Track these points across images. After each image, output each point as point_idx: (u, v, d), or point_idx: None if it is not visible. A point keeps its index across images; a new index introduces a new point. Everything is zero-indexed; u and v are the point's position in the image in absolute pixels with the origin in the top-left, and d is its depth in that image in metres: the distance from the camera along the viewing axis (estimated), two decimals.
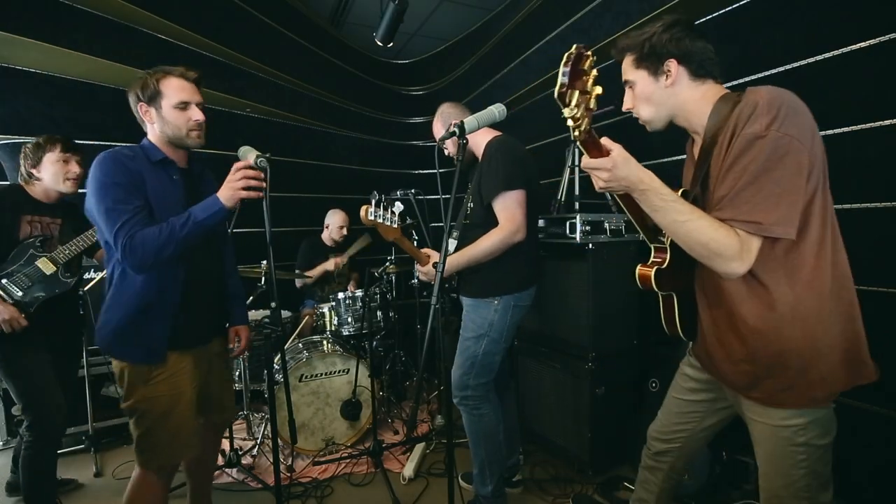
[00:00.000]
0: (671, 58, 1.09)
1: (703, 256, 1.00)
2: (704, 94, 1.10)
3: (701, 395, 1.30)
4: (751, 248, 0.97)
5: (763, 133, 0.93)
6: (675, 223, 0.99)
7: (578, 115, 0.93)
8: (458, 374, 1.89)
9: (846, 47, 1.74)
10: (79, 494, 2.29)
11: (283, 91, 3.86)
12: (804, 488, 1.05)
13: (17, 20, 2.54)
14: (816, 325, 1.00)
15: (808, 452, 1.04)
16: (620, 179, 0.99)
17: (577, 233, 2.15)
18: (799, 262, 1.00)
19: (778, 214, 0.94)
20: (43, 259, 1.92)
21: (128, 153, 1.44)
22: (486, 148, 1.87)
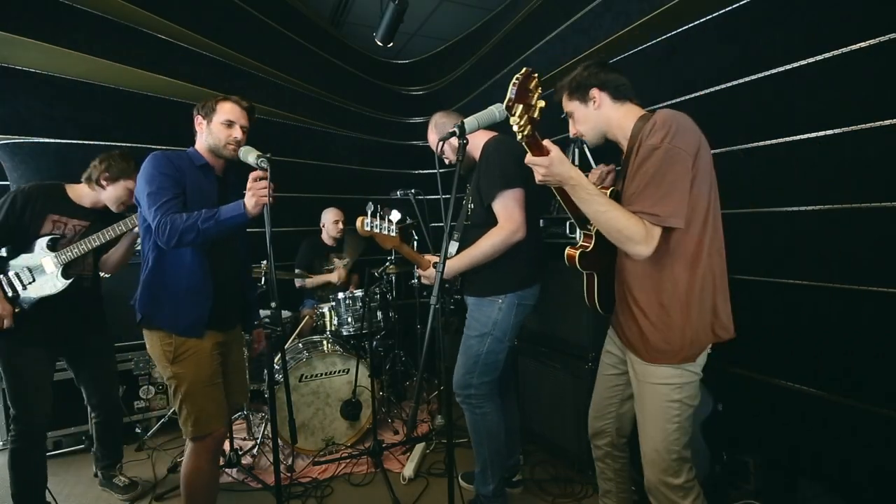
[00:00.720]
0: (594, 87, 1.38)
1: (618, 240, 1.25)
2: (626, 114, 1.38)
3: (620, 368, 1.51)
4: (654, 235, 1.22)
5: (658, 144, 1.21)
6: (598, 213, 1.23)
7: (522, 123, 1.18)
8: (462, 374, 1.89)
9: (846, 47, 1.74)
10: (79, 494, 2.29)
11: (283, 91, 3.85)
12: (675, 441, 1.31)
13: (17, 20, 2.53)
14: (691, 297, 1.28)
15: (680, 409, 1.30)
16: (555, 175, 1.22)
17: (578, 233, 2.14)
18: (682, 248, 1.27)
19: (670, 208, 1.20)
20: (47, 258, 1.94)
21: (175, 155, 1.68)
22: (484, 148, 1.87)
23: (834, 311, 1.88)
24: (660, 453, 1.32)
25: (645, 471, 1.37)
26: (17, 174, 2.88)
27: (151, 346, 1.66)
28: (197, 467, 1.65)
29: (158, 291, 1.63)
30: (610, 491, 1.62)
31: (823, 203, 1.88)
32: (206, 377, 1.64)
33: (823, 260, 1.91)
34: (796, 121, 1.92)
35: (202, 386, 1.62)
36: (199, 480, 1.66)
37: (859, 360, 1.81)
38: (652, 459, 1.34)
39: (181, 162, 1.66)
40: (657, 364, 1.32)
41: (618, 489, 1.61)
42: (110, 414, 2.24)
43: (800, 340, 1.99)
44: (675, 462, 1.31)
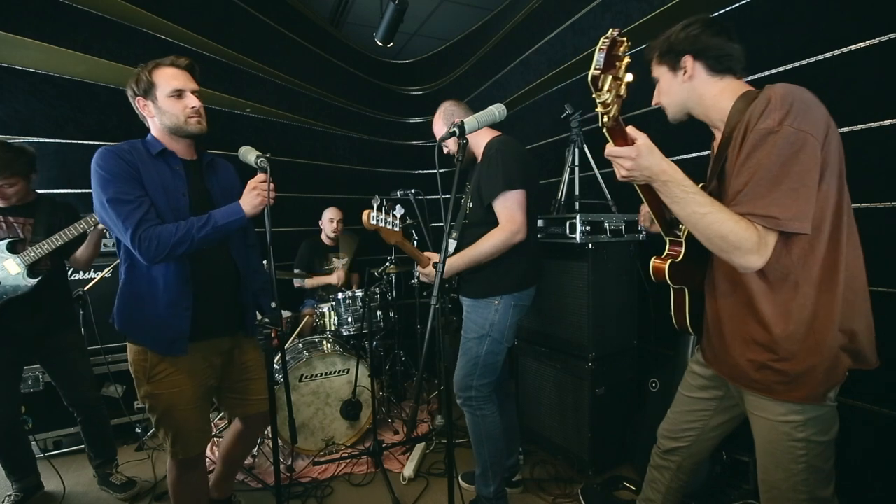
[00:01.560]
0: (687, 54, 1.13)
1: (721, 249, 1.00)
2: (723, 90, 1.12)
3: (709, 393, 1.31)
4: (768, 242, 0.97)
5: (776, 128, 0.94)
6: (695, 214, 0.99)
7: (609, 101, 0.93)
8: (462, 376, 1.89)
9: (846, 47, 1.74)
10: (79, 494, 2.29)
11: (283, 91, 3.86)
12: (803, 482, 1.06)
13: (17, 20, 2.54)
14: (822, 324, 1.02)
15: (807, 448, 1.06)
16: (643, 169, 0.99)
17: (577, 233, 2.15)
18: (812, 259, 1.01)
19: (794, 210, 0.94)
20: (9, 261, 1.92)
21: (125, 147, 1.45)
22: (486, 148, 1.87)
23: None
24: (783, 492, 1.09)
25: None
26: None
27: (130, 359, 1.51)
28: (177, 479, 1.58)
29: (134, 307, 1.47)
30: (653, 500, 1.45)
31: None
32: (186, 399, 1.49)
33: None
34: None
35: (179, 410, 1.48)
36: (181, 490, 1.60)
37: None
38: (774, 497, 1.12)
39: (133, 155, 1.43)
40: (776, 400, 1.08)
41: (664, 502, 1.44)
42: (88, 412, 2.22)
43: None
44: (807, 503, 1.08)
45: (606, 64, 0.91)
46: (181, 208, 1.48)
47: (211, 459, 2.52)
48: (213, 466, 2.43)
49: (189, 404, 1.51)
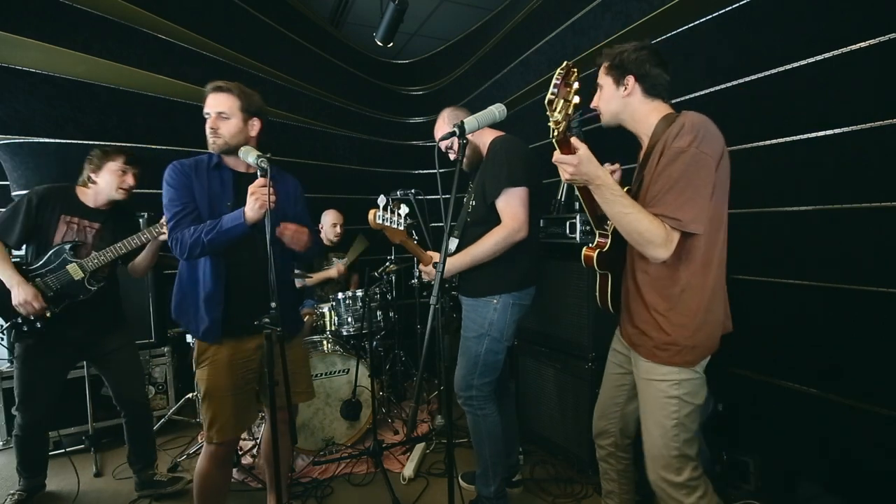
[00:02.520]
0: (631, 74, 1.33)
1: (637, 242, 1.24)
2: (652, 110, 1.35)
3: (626, 367, 1.50)
4: (673, 239, 1.22)
5: (685, 148, 1.19)
6: (620, 214, 1.22)
7: (560, 119, 1.17)
8: (462, 375, 1.89)
9: (846, 47, 1.74)
10: (79, 494, 2.29)
11: (283, 91, 3.86)
12: (674, 437, 1.30)
13: (17, 20, 2.54)
14: (700, 302, 1.27)
15: (679, 405, 1.30)
16: (583, 174, 1.22)
17: (577, 233, 2.15)
18: (694, 253, 1.26)
19: (693, 214, 1.19)
20: (73, 265, 1.97)
21: (189, 162, 1.67)
22: (490, 146, 1.87)
23: (834, 311, 1.88)
24: (659, 449, 1.32)
25: (647, 468, 1.37)
26: (17, 174, 2.88)
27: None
28: (206, 470, 1.67)
29: (182, 296, 1.67)
30: (613, 491, 1.62)
31: (823, 203, 1.87)
32: (223, 387, 1.63)
33: (823, 260, 1.91)
34: (796, 121, 1.92)
35: (218, 395, 1.62)
36: (205, 482, 1.68)
37: (859, 360, 1.81)
38: (652, 456, 1.34)
39: (193, 168, 1.65)
40: (657, 363, 1.32)
41: (621, 490, 1.60)
42: (133, 412, 2.25)
43: (800, 340, 1.99)
44: (676, 459, 1.30)
45: (560, 92, 1.17)
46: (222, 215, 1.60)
47: None
48: None
49: (225, 392, 1.63)
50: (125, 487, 2.34)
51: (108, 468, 2.53)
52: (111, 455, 2.65)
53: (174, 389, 3.02)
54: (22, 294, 1.87)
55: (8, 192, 2.97)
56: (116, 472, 2.48)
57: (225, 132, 1.61)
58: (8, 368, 2.61)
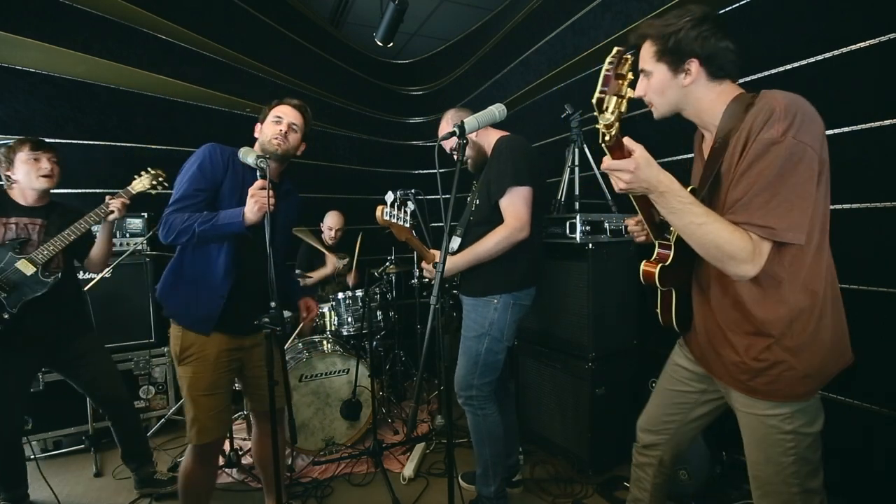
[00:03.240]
0: (694, 57, 1.07)
1: (716, 259, 1.01)
2: (720, 95, 1.11)
3: (692, 386, 1.33)
4: (762, 251, 0.98)
5: (779, 139, 0.95)
6: (692, 225, 1.00)
7: (612, 121, 0.93)
8: (462, 375, 1.89)
9: (846, 47, 1.74)
10: (79, 494, 2.29)
11: (283, 91, 3.85)
12: (794, 474, 1.09)
13: (17, 20, 2.54)
14: (809, 327, 1.05)
15: (796, 440, 1.08)
16: (642, 181, 0.99)
17: (577, 233, 2.15)
18: (799, 265, 1.03)
19: (790, 220, 0.96)
20: (21, 261, 1.91)
21: (228, 151, 1.67)
22: (496, 145, 1.88)
23: None
24: (776, 486, 1.12)
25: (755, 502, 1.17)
26: None
27: (171, 341, 1.69)
28: (190, 468, 1.67)
29: (178, 278, 1.65)
30: (642, 500, 1.46)
31: None
32: (205, 385, 1.62)
33: None
34: None
35: (199, 394, 1.61)
36: (190, 481, 1.68)
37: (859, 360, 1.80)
38: (766, 492, 1.15)
39: (231, 159, 1.65)
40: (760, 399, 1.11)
41: (651, 501, 1.45)
42: (118, 412, 2.21)
43: None
44: (800, 496, 1.11)
45: (612, 87, 0.92)
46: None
47: None
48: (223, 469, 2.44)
49: (206, 391, 1.62)
50: (125, 487, 2.34)
51: (108, 468, 2.53)
52: (111, 455, 2.65)
53: (174, 389, 3.02)
54: None
55: None
56: (116, 473, 2.48)
57: (292, 141, 1.71)
58: None
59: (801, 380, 1.06)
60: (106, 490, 2.34)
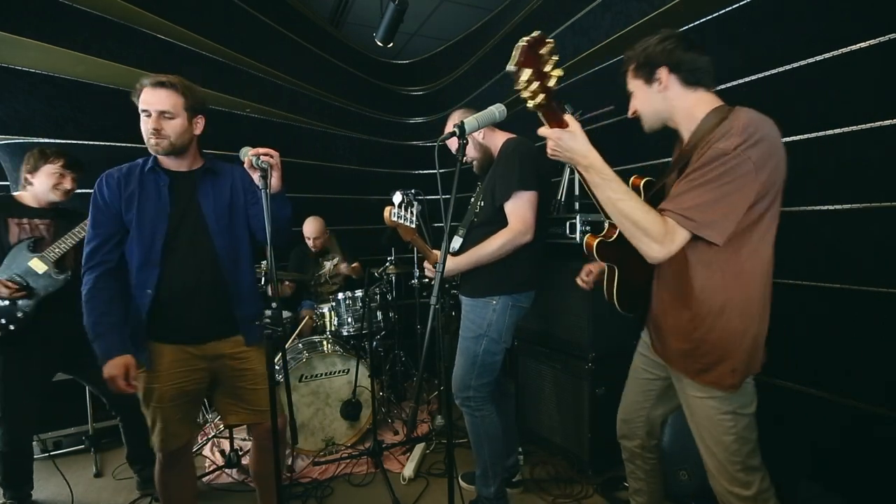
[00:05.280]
0: (662, 66, 1.19)
1: (631, 235, 1.14)
2: (697, 102, 1.20)
3: (653, 373, 1.46)
4: (675, 237, 1.09)
5: (729, 151, 1.05)
6: (610, 200, 1.13)
7: (533, 90, 1.07)
8: (460, 375, 1.89)
9: (846, 47, 1.74)
10: (79, 494, 2.29)
11: (282, 91, 3.85)
12: (736, 452, 1.20)
13: (17, 20, 2.53)
14: (738, 323, 1.16)
15: (735, 420, 1.20)
16: (565, 150, 1.14)
17: (577, 233, 2.15)
18: (737, 266, 1.14)
19: (711, 217, 1.07)
20: (34, 259, 1.94)
21: (124, 171, 1.55)
22: (503, 148, 1.88)
23: (834, 311, 1.88)
24: (721, 464, 1.23)
25: (711, 483, 1.28)
26: (17, 174, 2.87)
27: None
28: (158, 475, 1.65)
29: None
30: (641, 490, 1.58)
31: (824, 203, 1.87)
32: (158, 397, 1.54)
33: (823, 260, 1.91)
34: (796, 121, 1.92)
35: (152, 404, 1.55)
36: (160, 486, 1.66)
37: (859, 360, 1.81)
38: (715, 472, 1.26)
39: (125, 178, 1.53)
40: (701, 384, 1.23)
41: (650, 488, 1.57)
42: (129, 413, 2.21)
43: (800, 341, 1.99)
44: (742, 472, 1.20)
45: (527, 60, 1.06)
46: (158, 226, 1.51)
47: (212, 461, 2.52)
48: (212, 467, 2.44)
49: (163, 402, 1.55)
50: (125, 487, 2.34)
51: (108, 468, 2.53)
52: (111, 455, 2.65)
53: None
54: None
55: (8, 192, 2.97)
56: (116, 473, 2.48)
57: (170, 132, 1.49)
58: None
59: (729, 373, 1.18)
60: (106, 490, 2.35)
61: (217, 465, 2.44)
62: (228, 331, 1.63)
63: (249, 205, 1.67)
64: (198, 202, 1.59)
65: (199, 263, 1.56)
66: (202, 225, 1.57)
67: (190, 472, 1.75)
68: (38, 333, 1.95)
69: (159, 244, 1.51)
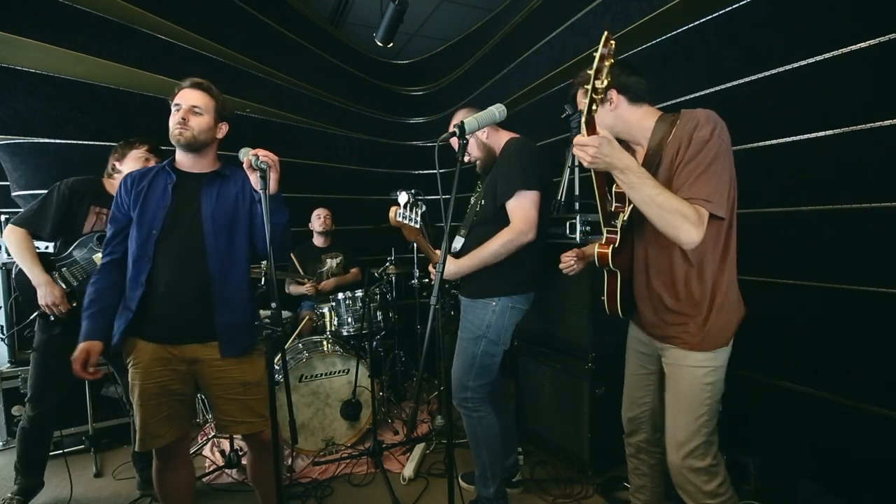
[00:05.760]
0: (611, 89, 1.36)
1: (671, 224, 1.20)
2: (644, 115, 1.40)
3: (648, 368, 1.55)
4: (704, 220, 1.21)
5: (709, 137, 1.23)
6: (649, 196, 1.19)
7: (601, 89, 1.12)
8: (458, 376, 1.88)
9: (846, 47, 1.74)
10: (79, 494, 2.29)
11: (283, 91, 3.86)
12: (706, 423, 1.34)
13: (17, 20, 2.54)
14: (727, 289, 1.34)
15: (712, 392, 1.34)
16: (605, 156, 1.18)
17: (577, 233, 2.14)
18: (717, 239, 1.31)
19: (718, 197, 1.22)
20: (98, 254, 1.95)
21: (143, 170, 1.64)
22: (505, 147, 1.88)
23: (834, 311, 1.88)
24: (689, 435, 1.34)
25: (669, 454, 1.39)
26: (17, 174, 2.88)
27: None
28: (154, 474, 1.67)
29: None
30: (644, 486, 1.64)
31: (823, 203, 1.88)
32: (139, 393, 1.54)
33: (823, 260, 1.91)
34: (796, 121, 1.92)
35: (138, 402, 1.55)
36: (157, 486, 1.68)
37: (859, 360, 1.81)
38: (678, 442, 1.36)
39: (145, 174, 1.62)
40: (691, 350, 1.35)
41: (653, 484, 1.63)
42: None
43: (800, 341, 1.99)
44: (703, 445, 1.33)
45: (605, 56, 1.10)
46: (156, 219, 1.56)
47: (212, 461, 2.52)
48: (212, 467, 2.44)
49: (143, 400, 1.55)
50: (125, 487, 2.34)
51: (109, 468, 2.53)
52: (111, 455, 2.65)
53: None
54: (49, 296, 1.90)
55: (8, 192, 2.97)
56: (116, 473, 2.48)
57: (195, 125, 1.56)
58: (8, 369, 2.60)
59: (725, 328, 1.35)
60: (106, 490, 2.35)
61: (217, 465, 2.44)
62: (204, 336, 1.59)
63: (254, 215, 1.66)
64: (198, 202, 1.60)
65: (188, 263, 1.57)
66: (197, 225, 1.58)
67: (185, 472, 1.73)
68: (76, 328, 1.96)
69: (154, 238, 1.54)
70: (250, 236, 1.67)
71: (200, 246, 1.57)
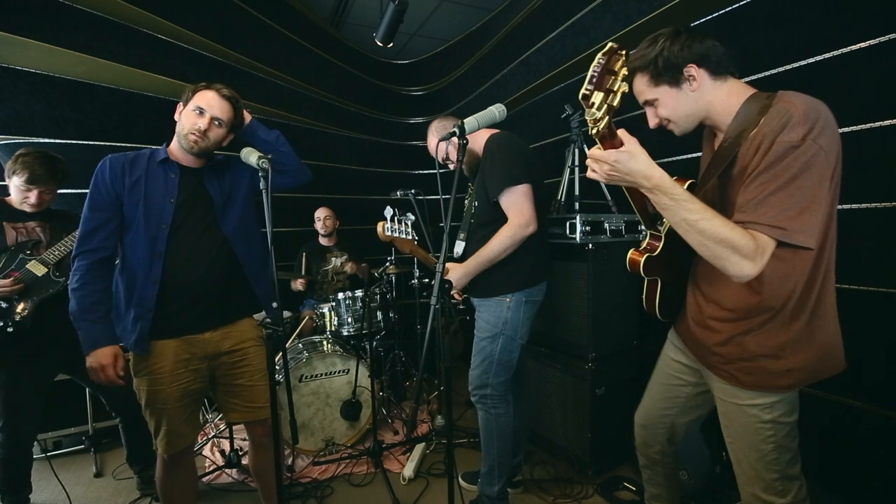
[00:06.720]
0: (690, 63, 1.09)
1: (715, 255, 0.99)
2: (730, 92, 1.11)
3: (683, 379, 1.36)
4: (766, 251, 0.97)
5: (799, 143, 0.94)
6: (686, 221, 0.99)
7: (599, 117, 0.97)
8: (478, 374, 1.88)
9: (846, 47, 1.74)
10: (79, 494, 2.29)
11: (282, 91, 3.86)
12: (774, 461, 1.13)
13: (17, 20, 2.54)
14: (795, 326, 1.07)
15: (775, 429, 1.12)
16: (624, 174, 1.01)
17: (577, 233, 2.15)
18: (799, 267, 1.04)
19: (802, 223, 0.95)
20: (33, 262, 1.94)
21: (130, 157, 1.57)
22: (486, 144, 1.87)
23: None
24: (757, 472, 1.16)
25: (741, 490, 1.21)
26: None
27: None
28: (160, 477, 1.65)
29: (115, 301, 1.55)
30: (660, 495, 1.52)
31: None
32: (163, 399, 1.53)
33: None
34: None
35: (159, 407, 1.54)
36: (162, 488, 1.66)
37: (859, 360, 1.81)
38: (749, 478, 1.18)
39: (130, 164, 1.54)
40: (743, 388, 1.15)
41: (670, 494, 1.51)
42: (127, 413, 2.21)
43: None
44: (779, 481, 1.13)
45: (599, 82, 0.95)
46: (164, 214, 1.54)
47: (212, 461, 2.52)
48: (212, 467, 2.44)
49: (167, 404, 1.55)
50: (125, 487, 2.34)
51: (109, 468, 2.53)
52: (111, 455, 2.65)
53: None
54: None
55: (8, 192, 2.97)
56: (116, 473, 2.48)
57: (212, 137, 1.58)
58: None
59: (784, 373, 1.09)
60: (106, 490, 2.35)
61: (217, 465, 2.44)
62: (250, 309, 1.70)
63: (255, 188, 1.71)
64: (204, 187, 1.63)
65: (211, 246, 1.59)
66: (210, 208, 1.61)
67: (191, 473, 1.76)
68: (38, 336, 1.94)
69: (165, 233, 1.52)
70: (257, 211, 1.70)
71: (220, 234, 1.61)
